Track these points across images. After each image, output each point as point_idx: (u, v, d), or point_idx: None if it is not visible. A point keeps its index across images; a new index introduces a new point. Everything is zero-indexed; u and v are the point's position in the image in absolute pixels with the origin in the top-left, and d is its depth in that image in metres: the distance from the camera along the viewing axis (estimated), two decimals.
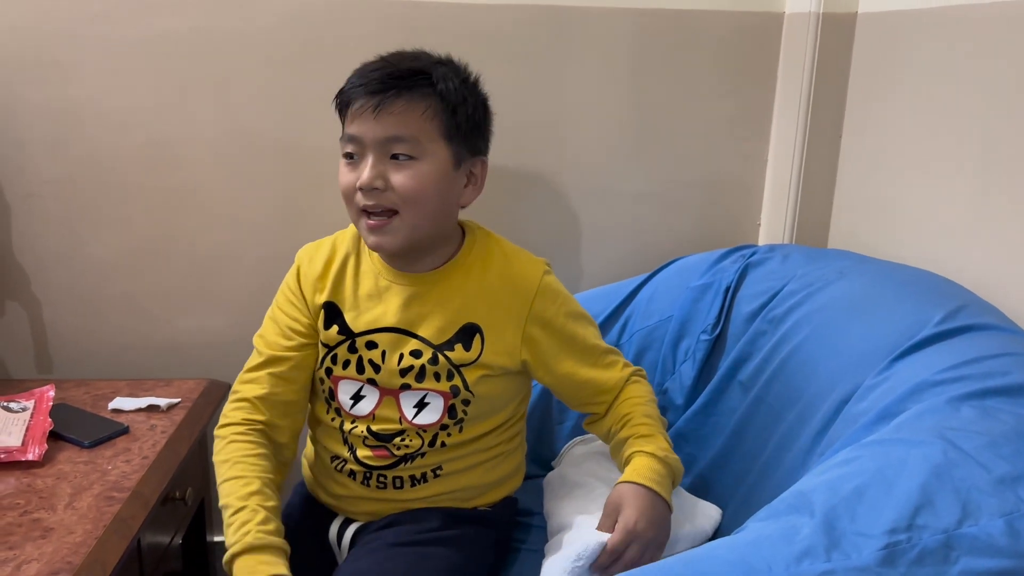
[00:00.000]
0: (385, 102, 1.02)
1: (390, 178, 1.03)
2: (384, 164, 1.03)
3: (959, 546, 0.72)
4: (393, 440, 1.11)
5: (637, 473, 1.05)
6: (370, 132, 1.03)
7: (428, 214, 1.05)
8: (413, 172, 1.02)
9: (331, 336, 1.11)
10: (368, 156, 1.03)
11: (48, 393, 1.31)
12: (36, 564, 0.95)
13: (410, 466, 1.12)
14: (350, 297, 1.12)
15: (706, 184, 1.59)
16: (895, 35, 1.37)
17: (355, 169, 1.05)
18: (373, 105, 1.02)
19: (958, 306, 1.05)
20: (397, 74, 1.03)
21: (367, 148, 1.03)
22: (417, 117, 1.03)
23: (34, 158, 1.44)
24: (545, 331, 1.12)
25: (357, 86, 1.05)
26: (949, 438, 0.81)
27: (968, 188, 1.21)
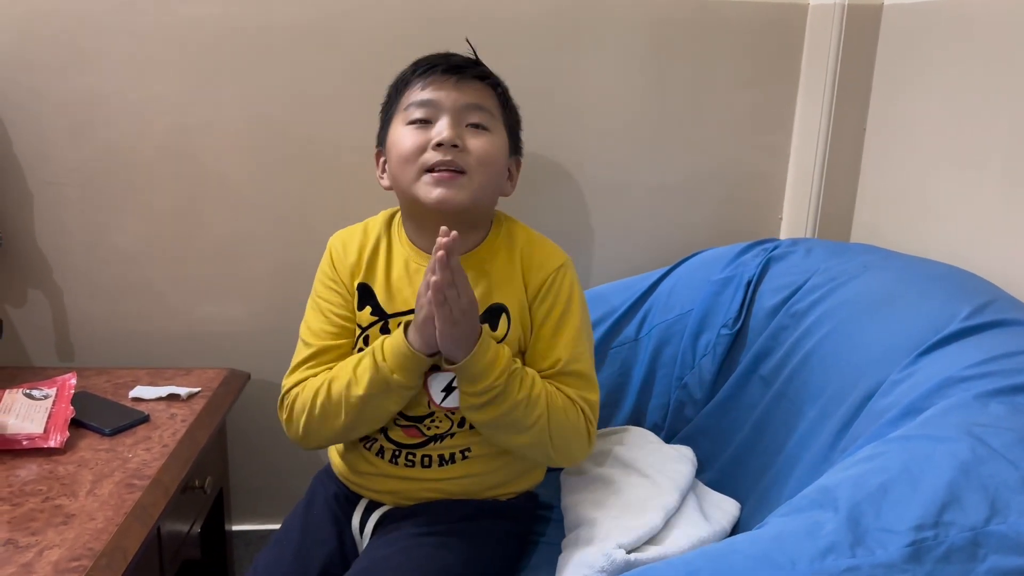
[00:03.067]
0: (466, 75, 1.10)
1: (467, 141, 1.08)
2: (461, 128, 1.09)
3: (987, 544, 0.71)
4: (424, 421, 1.12)
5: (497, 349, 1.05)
6: (450, 97, 1.09)
7: (490, 183, 1.12)
8: (488, 139, 1.10)
9: (364, 317, 1.14)
10: (443, 118, 1.08)
11: (70, 381, 1.32)
12: (58, 550, 0.96)
13: (439, 446, 1.13)
14: (382, 279, 1.14)
15: (728, 177, 1.57)
16: (921, 26, 1.35)
17: (424, 132, 1.09)
18: (455, 76, 1.10)
19: (986, 301, 1.03)
20: (473, 60, 1.15)
21: (443, 111, 1.09)
22: (491, 98, 1.13)
23: (57, 146, 1.44)
24: (544, 316, 1.14)
25: (436, 63, 1.11)
26: (977, 434, 0.80)
27: (995, 181, 1.19)
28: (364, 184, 1.50)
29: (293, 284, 1.54)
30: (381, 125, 1.19)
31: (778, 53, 1.51)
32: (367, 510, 1.17)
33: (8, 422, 1.20)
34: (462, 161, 1.07)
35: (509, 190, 1.18)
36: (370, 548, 1.11)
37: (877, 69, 1.46)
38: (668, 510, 1.12)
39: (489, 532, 1.14)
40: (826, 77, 1.47)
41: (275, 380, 1.58)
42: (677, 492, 1.15)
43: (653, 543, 1.08)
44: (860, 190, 1.53)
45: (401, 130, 1.11)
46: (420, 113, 1.09)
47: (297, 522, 1.17)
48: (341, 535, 1.16)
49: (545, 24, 1.46)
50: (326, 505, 1.19)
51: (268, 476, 1.65)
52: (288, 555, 1.11)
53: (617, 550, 1.02)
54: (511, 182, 1.19)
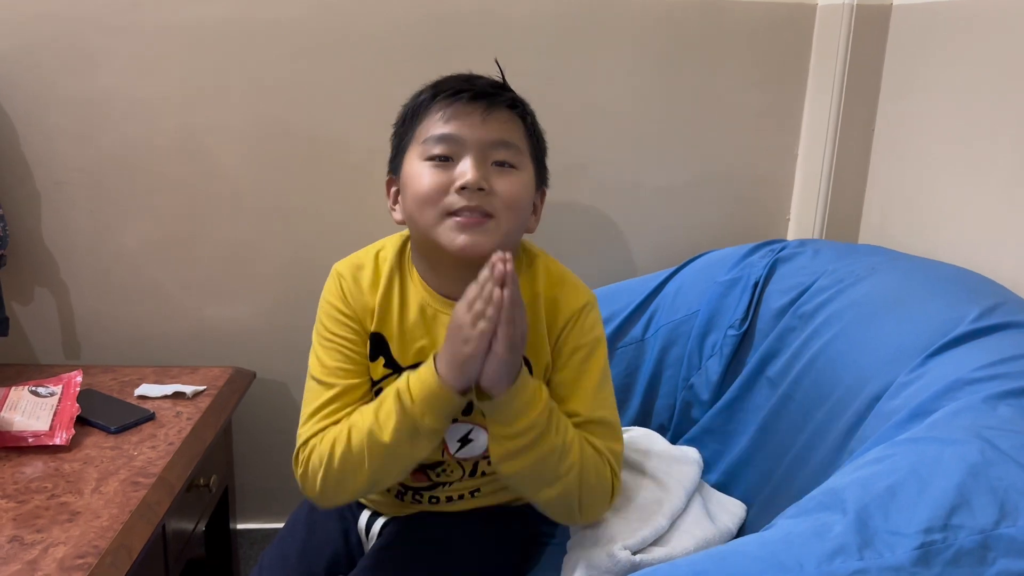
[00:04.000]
0: (494, 107, 0.98)
1: (494, 182, 0.97)
2: (486, 168, 0.97)
3: (996, 547, 0.70)
4: (434, 468, 1.09)
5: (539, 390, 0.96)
6: (475, 133, 0.97)
7: (517, 226, 1.01)
8: (516, 179, 0.99)
9: (377, 369, 1.04)
10: (467, 157, 0.96)
11: (76, 379, 1.32)
12: (63, 547, 0.96)
13: (447, 489, 1.11)
14: (396, 327, 1.04)
15: (735, 178, 1.57)
16: (930, 27, 1.34)
17: (445, 171, 0.97)
18: (482, 108, 0.97)
19: (994, 303, 1.03)
20: (503, 86, 1.02)
21: (467, 149, 0.97)
22: (519, 131, 1.01)
23: (64, 146, 1.45)
24: (567, 358, 1.04)
25: (461, 89, 0.98)
26: (986, 437, 0.79)
27: (1004, 183, 1.19)
28: (371, 184, 1.50)
29: (299, 283, 1.54)
30: (394, 151, 1.06)
31: (786, 54, 1.51)
32: (374, 513, 1.17)
33: (14, 419, 1.20)
34: (488, 205, 0.96)
35: (534, 226, 1.07)
36: (377, 546, 1.11)
37: (886, 70, 1.46)
38: (674, 512, 1.11)
39: (497, 533, 1.13)
40: (834, 78, 1.46)
41: (281, 379, 1.59)
42: (683, 493, 1.15)
43: (658, 544, 1.08)
44: (868, 191, 1.52)
45: (419, 166, 0.98)
46: (441, 149, 0.97)
47: (303, 520, 1.16)
48: (346, 533, 1.16)
49: (553, 24, 1.45)
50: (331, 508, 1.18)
51: (273, 475, 1.65)
52: (294, 553, 1.11)
53: (622, 551, 1.02)
54: (535, 216, 1.07)
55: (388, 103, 1.45)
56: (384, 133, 1.46)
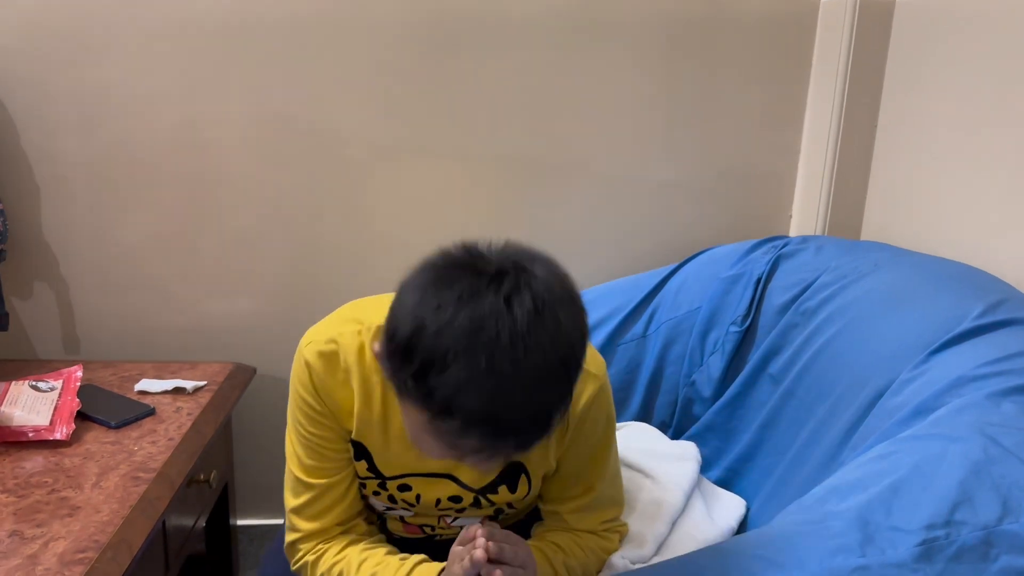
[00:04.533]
0: (523, 445, 0.74)
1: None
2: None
3: (999, 543, 0.70)
4: (434, 528, 1.04)
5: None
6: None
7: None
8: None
9: (361, 468, 0.96)
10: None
11: (76, 373, 1.32)
12: (63, 541, 0.96)
13: (439, 539, 1.05)
14: (379, 438, 0.93)
15: (738, 174, 1.56)
16: (933, 24, 1.34)
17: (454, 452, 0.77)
18: (509, 449, 0.74)
19: (998, 300, 1.02)
20: (548, 413, 0.73)
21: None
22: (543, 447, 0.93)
23: (64, 141, 1.44)
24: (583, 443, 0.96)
25: (487, 419, 0.70)
26: (989, 434, 0.79)
27: (1007, 180, 1.18)
28: (371, 178, 1.50)
29: (299, 279, 1.54)
30: (398, 383, 0.73)
31: (789, 50, 1.50)
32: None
33: (14, 414, 1.20)
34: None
35: None
36: None
37: (889, 66, 1.45)
38: (673, 514, 1.11)
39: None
40: (837, 75, 1.46)
41: (281, 375, 1.59)
42: (682, 495, 1.14)
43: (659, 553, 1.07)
44: (871, 188, 1.52)
45: (420, 427, 0.74)
46: (452, 454, 0.76)
47: None
48: None
49: (556, 21, 1.45)
50: None
51: (273, 470, 1.63)
52: None
53: (621, 560, 1.01)
54: None
55: (389, 98, 1.46)
56: (384, 128, 1.47)
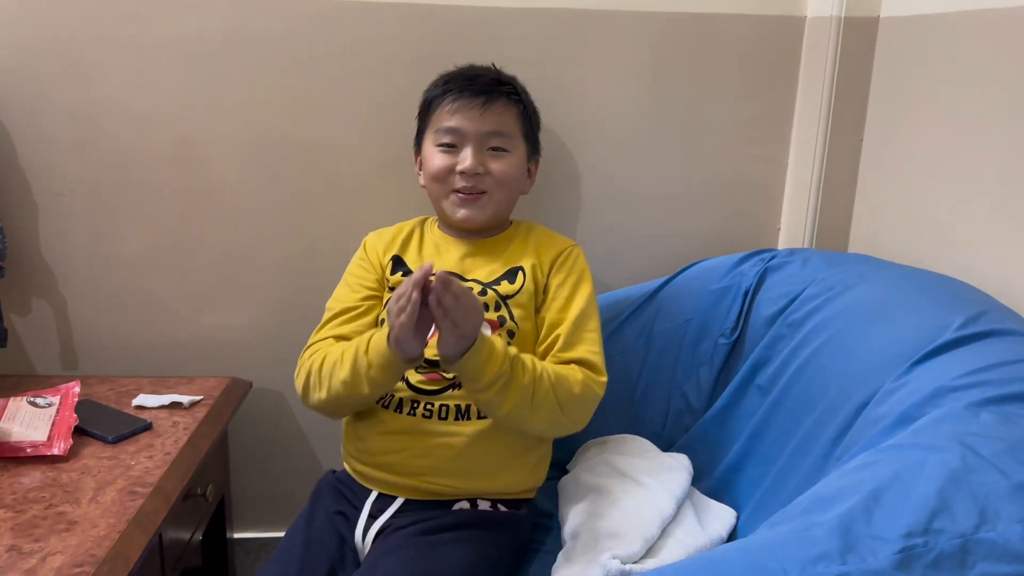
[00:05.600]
0: (491, 101, 1.24)
1: (489, 165, 1.24)
2: (483, 153, 1.24)
3: (976, 551, 0.71)
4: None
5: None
6: (474, 126, 1.23)
7: (510, 196, 1.29)
8: (507, 161, 1.25)
9: (396, 280, 1.26)
10: (468, 146, 1.23)
11: (74, 389, 1.33)
12: (60, 556, 0.97)
13: (457, 393, 1.18)
14: (414, 253, 1.30)
15: (726, 187, 1.58)
16: (917, 39, 1.36)
17: (452, 156, 1.24)
18: (480, 103, 1.23)
19: (979, 311, 1.04)
20: (498, 79, 1.28)
21: (468, 139, 1.23)
22: (512, 117, 1.27)
23: (61, 158, 1.46)
24: (555, 291, 1.24)
25: (464, 88, 1.24)
26: (968, 443, 0.81)
27: (990, 193, 1.20)
28: (366, 193, 1.52)
29: (295, 293, 1.55)
30: (417, 133, 1.34)
31: (776, 65, 1.53)
32: (368, 518, 1.18)
33: (12, 430, 1.21)
34: (484, 184, 1.24)
35: (528, 188, 1.34)
36: (371, 557, 1.12)
37: (874, 81, 1.48)
38: (664, 519, 1.13)
39: (488, 542, 1.14)
40: (823, 89, 1.48)
41: (277, 388, 1.60)
42: (673, 501, 1.16)
43: (650, 554, 1.09)
44: (857, 201, 1.54)
45: (432, 150, 1.26)
46: (448, 139, 1.24)
47: (299, 538, 1.17)
48: (342, 548, 1.16)
49: (545, 36, 1.47)
50: (328, 519, 1.19)
51: (269, 484, 1.66)
52: (292, 573, 1.11)
53: (612, 561, 1.03)
54: (530, 180, 1.35)
55: (382, 113, 1.48)
56: (378, 143, 1.49)
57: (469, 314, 1.03)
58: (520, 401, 1.10)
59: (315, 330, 1.26)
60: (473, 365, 1.06)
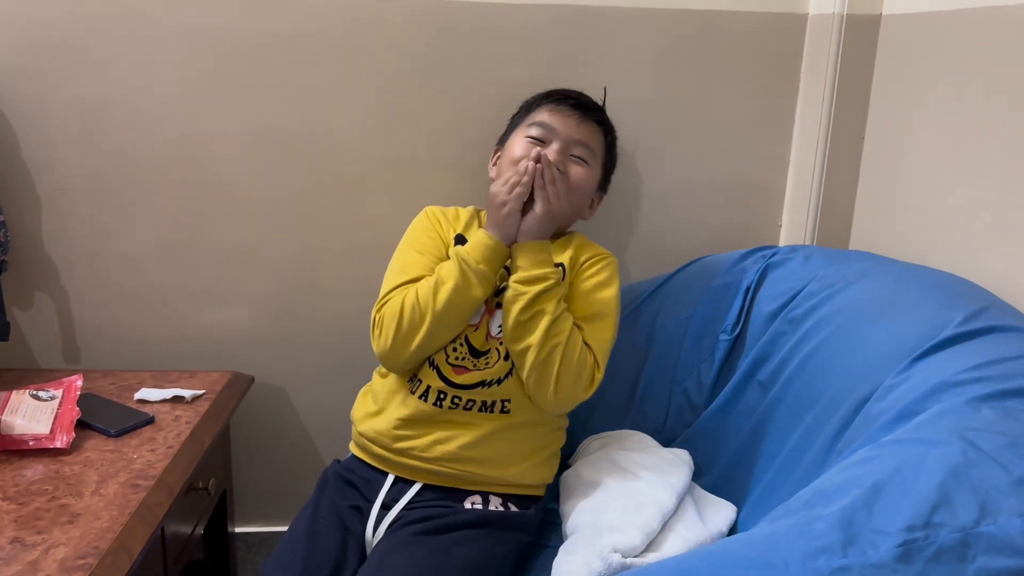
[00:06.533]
0: (587, 118, 1.30)
1: (567, 167, 1.27)
2: (566, 156, 1.27)
3: (976, 544, 0.72)
4: (480, 357, 1.22)
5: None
6: (567, 129, 1.28)
7: (573, 207, 1.30)
8: (584, 171, 1.29)
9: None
10: (555, 143, 1.26)
11: (76, 383, 1.33)
12: (64, 548, 0.97)
13: (485, 391, 1.21)
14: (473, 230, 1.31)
15: (728, 185, 1.59)
16: (919, 37, 1.36)
17: (535, 146, 1.26)
18: (579, 115, 1.30)
19: (980, 308, 1.05)
20: (599, 108, 1.37)
21: (557, 138, 1.27)
22: (600, 141, 1.33)
23: (64, 152, 1.46)
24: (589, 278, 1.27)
25: (569, 97, 1.32)
26: (968, 438, 0.81)
27: (991, 190, 1.21)
28: (370, 189, 1.52)
29: (298, 288, 1.56)
30: (506, 130, 1.37)
31: (778, 63, 1.53)
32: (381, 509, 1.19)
33: (15, 423, 1.22)
34: (559, 182, 1.24)
35: (587, 216, 1.38)
36: (377, 551, 1.12)
37: (875, 79, 1.48)
38: (665, 514, 1.13)
39: (497, 541, 1.15)
40: (825, 87, 1.48)
41: (279, 383, 1.61)
42: (674, 495, 1.16)
43: (651, 548, 1.09)
44: (859, 198, 1.54)
45: (519, 139, 1.29)
46: (538, 132, 1.28)
47: (303, 532, 1.17)
48: (346, 542, 1.16)
49: (548, 35, 1.47)
50: (333, 512, 1.19)
51: (271, 478, 1.66)
52: (297, 567, 1.11)
53: (613, 554, 1.03)
54: (591, 210, 1.38)
55: (387, 110, 1.48)
56: (383, 138, 1.49)
57: (562, 195, 1.21)
58: (541, 315, 1.16)
59: (382, 294, 1.24)
60: (540, 252, 1.19)
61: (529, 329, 1.17)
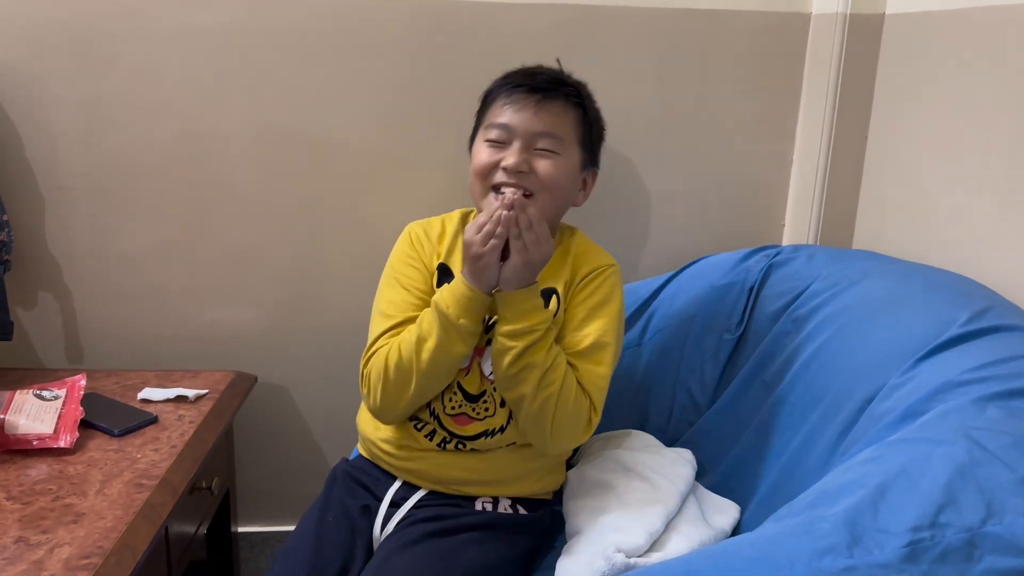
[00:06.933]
0: (547, 100, 1.18)
1: (534, 164, 1.17)
2: (530, 153, 1.17)
3: (983, 544, 0.72)
4: (477, 401, 1.18)
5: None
6: (525, 124, 1.17)
7: (556, 203, 1.20)
8: (555, 163, 1.17)
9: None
10: (515, 144, 1.17)
11: (80, 382, 1.33)
12: (68, 548, 0.97)
13: (490, 440, 1.18)
14: (459, 262, 1.20)
15: (731, 184, 1.58)
16: (922, 36, 1.36)
17: (498, 152, 1.18)
18: (535, 101, 1.17)
19: (984, 307, 1.05)
20: (560, 80, 1.21)
21: (516, 137, 1.17)
22: (569, 121, 1.20)
23: (67, 151, 1.46)
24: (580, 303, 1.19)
25: (521, 83, 1.19)
26: (974, 438, 0.81)
27: (995, 189, 1.21)
28: (372, 187, 1.52)
29: (301, 288, 1.56)
30: (472, 131, 1.28)
31: (781, 62, 1.53)
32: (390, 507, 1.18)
33: (19, 422, 1.21)
34: (529, 183, 1.16)
35: (580, 201, 1.27)
36: (385, 549, 1.12)
37: (879, 78, 1.48)
38: (668, 513, 1.13)
39: (505, 544, 1.15)
40: (828, 86, 1.48)
41: (282, 383, 1.61)
42: (677, 495, 1.16)
43: (654, 548, 1.09)
44: (862, 197, 1.54)
45: (480, 145, 1.21)
46: (496, 135, 1.18)
47: (311, 531, 1.16)
48: (354, 542, 1.16)
49: (550, 33, 1.47)
50: (342, 511, 1.19)
51: (274, 478, 1.66)
52: (305, 566, 1.11)
53: (617, 554, 1.03)
54: (584, 192, 1.27)
55: (390, 108, 1.48)
56: (384, 137, 1.49)
57: (540, 242, 1.08)
58: (531, 368, 1.09)
59: (371, 340, 1.19)
60: (524, 304, 1.09)
61: (520, 380, 1.10)
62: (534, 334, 1.09)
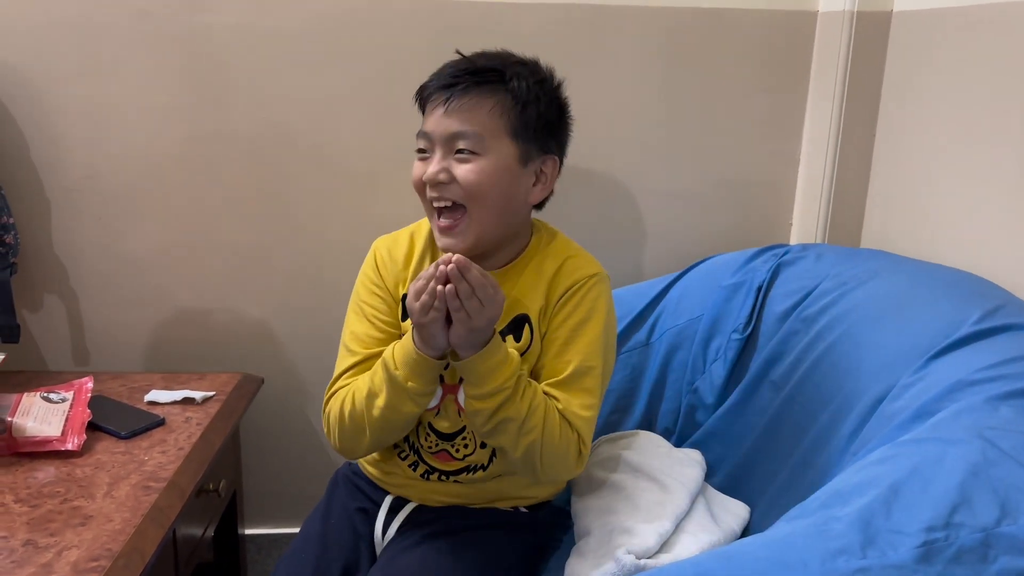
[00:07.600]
0: (454, 97, 1.05)
1: (454, 171, 1.05)
2: (449, 159, 1.05)
3: (998, 545, 0.71)
4: (455, 439, 1.13)
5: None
6: (438, 128, 1.06)
7: (494, 210, 1.07)
8: (475, 166, 1.04)
9: (407, 328, 1.08)
10: (436, 151, 1.06)
11: (87, 385, 1.33)
12: (76, 550, 0.97)
13: (473, 475, 1.15)
14: None
15: (738, 183, 1.58)
16: (930, 33, 1.36)
17: (425, 164, 1.07)
18: (443, 99, 1.06)
19: (996, 306, 1.04)
20: (470, 69, 1.07)
21: (435, 143, 1.06)
22: (484, 113, 1.05)
23: (73, 154, 1.46)
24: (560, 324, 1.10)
25: (431, 81, 1.09)
26: (987, 437, 0.80)
27: (1004, 187, 1.20)
28: (375, 188, 1.52)
29: (306, 289, 1.56)
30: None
31: (788, 60, 1.52)
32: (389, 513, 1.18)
33: (26, 425, 1.21)
34: (453, 194, 1.05)
35: (536, 197, 1.12)
36: (389, 551, 1.12)
37: (886, 76, 1.47)
38: (678, 514, 1.12)
39: (507, 543, 1.15)
40: (836, 84, 1.48)
41: (288, 385, 1.61)
42: (687, 496, 1.15)
43: (664, 549, 1.08)
44: (870, 196, 1.53)
45: (415, 160, 1.10)
46: (421, 143, 1.09)
47: (316, 534, 1.17)
48: (357, 544, 1.16)
49: (558, 34, 1.47)
50: (344, 514, 1.19)
51: (281, 480, 1.66)
52: (309, 568, 1.11)
53: (627, 555, 1.03)
54: (541, 185, 1.11)
55: (392, 110, 1.47)
56: (386, 140, 1.49)
57: (485, 307, 0.96)
58: (507, 422, 1.02)
59: (336, 375, 1.14)
60: (481, 367, 0.99)
61: (498, 432, 1.03)
62: (503, 393, 1.00)
